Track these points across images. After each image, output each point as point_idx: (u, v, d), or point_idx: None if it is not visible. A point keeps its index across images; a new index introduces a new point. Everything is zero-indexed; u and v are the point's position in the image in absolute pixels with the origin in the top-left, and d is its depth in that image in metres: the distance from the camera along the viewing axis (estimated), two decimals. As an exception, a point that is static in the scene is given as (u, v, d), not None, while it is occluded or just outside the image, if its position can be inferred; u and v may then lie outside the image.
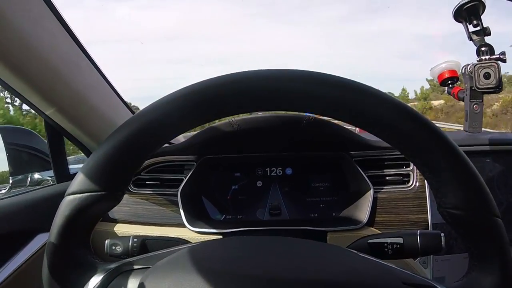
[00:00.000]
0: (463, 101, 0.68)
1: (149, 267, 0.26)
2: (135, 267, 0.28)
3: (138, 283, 0.25)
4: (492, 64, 0.57)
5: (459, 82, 0.71)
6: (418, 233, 0.40)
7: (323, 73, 0.26)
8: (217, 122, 0.57)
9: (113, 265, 0.28)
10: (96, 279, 0.27)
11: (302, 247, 0.29)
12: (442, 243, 0.39)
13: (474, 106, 0.66)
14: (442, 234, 0.39)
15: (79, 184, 0.26)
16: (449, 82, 0.72)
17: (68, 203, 0.26)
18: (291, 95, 0.25)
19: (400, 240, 0.41)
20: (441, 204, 0.25)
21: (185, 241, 0.45)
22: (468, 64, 0.65)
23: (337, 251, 0.29)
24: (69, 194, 0.26)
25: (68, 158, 0.72)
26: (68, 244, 0.27)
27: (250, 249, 0.28)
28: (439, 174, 0.24)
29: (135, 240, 0.42)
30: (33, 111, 0.60)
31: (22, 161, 0.84)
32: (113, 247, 0.42)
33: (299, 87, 0.25)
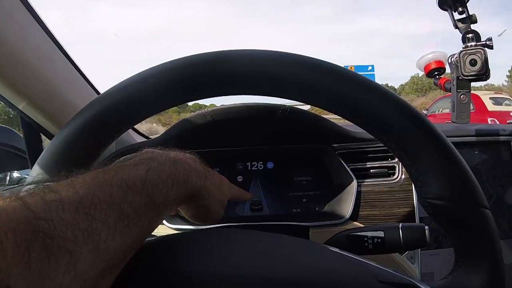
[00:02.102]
0: (450, 91, 0.66)
1: None
2: None
3: None
4: (478, 50, 0.55)
5: (447, 74, 0.70)
6: (400, 227, 0.38)
7: (310, 57, 0.24)
8: (188, 114, 0.55)
9: None
10: None
11: (269, 241, 0.27)
12: (427, 236, 0.37)
13: (461, 96, 0.65)
14: (427, 227, 0.37)
15: (36, 174, 0.25)
16: (436, 73, 0.70)
17: None
18: (279, 79, 0.23)
19: (381, 234, 0.38)
20: (421, 194, 0.23)
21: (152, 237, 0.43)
22: (454, 54, 0.64)
23: (307, 246, 0.27)
24: (27, 185, 0.24)
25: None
26: None
27: (205, 244, 0.26)
28: (419, 161, 0.22)
29: None
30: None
31: (1, 159, 0.82)
32: None
33: (293, 73, 0.23)
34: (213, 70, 0.23)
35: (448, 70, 0.69)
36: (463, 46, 0.58)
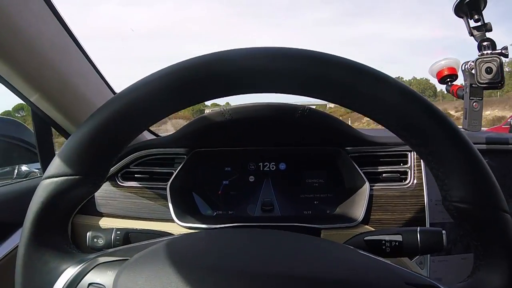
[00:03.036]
0: (462, 99, 0.67)
1: (127, 259, 0.24)
2: (113, 259, 0.26)
3: (114, 276, 0.23)
4: (494, 58, 0.55)
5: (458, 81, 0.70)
6: (418, 230, 0.38)
7: (328, 54, 0.23)
8: (207, 112, 0.55)
9: (90, 256, 0.26)
10: (71, 271, 0.25)
11: (295, 240, 0.27)
12: (444, 241, 0.37)
13: (474, 104, 0.65)
14: (444, 232, 0.37)
15: (55, 168, 0.24)
16: (448, 79, 0.70)
17: (44, 187, 0.24)
18: (293, 75, 0.23)
19: (399, 237, 0.38)
20: (446, 197, 0.23)
21: (170, 235, 0.43)
22: (468, 61, 0.64)
23: (334, 246, 0.27)
24: (46, 178, 0.25)
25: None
26: (44, 231, 0.25)
27: (237, 242, 0.26)
28: (447, 165, 0.22)
29: (118, 232, 0.40)
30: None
31: (9, 152, 0.82)
32: (95, 240, 0.40)
33: (304, 68, 0.23)
34: (249, 65, 0.23)
35: (460, 76, 0.70)
36: (479, 54, 0.58)
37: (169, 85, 0.24)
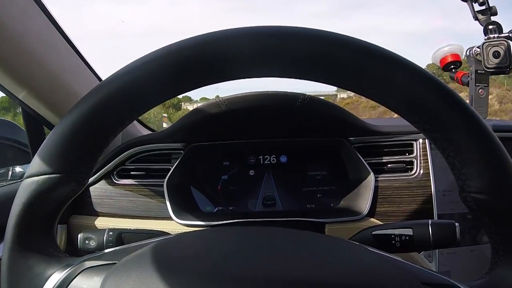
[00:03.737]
0: (468, 85, 0.65)
1: (115, 263, 0.23)
2: (100, 263, 0.24)
3: (100, 282, 0.21)
4: (502, 42, 0.53)
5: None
6: (429, 223, 0.36)
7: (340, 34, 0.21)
8: (203, 103, 0.53)
9: (77, 260, 0.24)
10: (57, 276, 0.23)
11: (301, 239, 0.25)
12: (457, 234, 0.35)
13: (480, 90, 0.63)
14: (457, 224, 0.35)
15: (36, 166, 0.23)
16: (452, 66, 0.68)
17: (25, 187, 0.23)
18: (296, 56, 0.21)
19: (409, 231, 0.36)
20: (464, 187, 0.21)
21: (166, 234, 0.41)
22: (473, 47, 0.62)
23: (342, 245, 0.25)
24: (27, 177, 0.23)
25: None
26: (27, 234, 0.23)
27: (236, 242, 0.24)
28: (465, 153, 0.20)
29: (111, 233, 0.38)
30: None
31: (3, 153, 0.79)
32: (87, 241, 0.38)
33: (308, 47, 0.20)
34: (239, 48, 0.21)
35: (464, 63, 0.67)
36: (485, 38, 0.56)
37: (163, 68, 0.21)
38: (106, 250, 0.26)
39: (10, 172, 0.79)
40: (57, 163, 0.22)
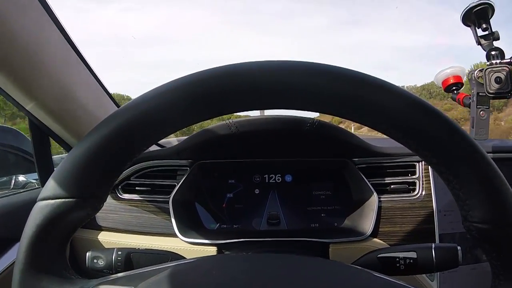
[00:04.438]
0: (469, 107, 0.66)
1: None
2: (115, 287, 0.24)
3: None
4: (504, 68, 0.55)
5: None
6: (433, 247, 0.37)
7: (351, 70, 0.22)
8: (212, 124, 0.53)
9: (90, 284, 0.24)
10: None
11: (308, 266, 0.25)
12: (459, 257, 0.36)
13: (481, 112, 0.64)
14: (459, 248, 0.36)
15: (51, 189, 0.23)
16: (454, 88, 0.70)
17: (39, 210, 0.23)
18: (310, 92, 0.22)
19: (413, 254, 0.37)
20: (467, 217, 0.22)
21: (175, 255, 0.42)
22: (475, 70, 0.63)
23: (349, 271, 0.26)
24: (41, 200, 0.23)
25: (55, 157, 0.68)
26: (40, 257, 0.23)
27: (249, 270, 0.24)
28: (469, 185, 0.21)
29: (119, 253, 0.38)
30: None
31: (6, 162, 0.79)
32: (95, 260, 0.38)
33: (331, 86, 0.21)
34: (258, 81, 0.22)
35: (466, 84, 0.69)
36: (488, 63, 0.58)
37: (188, 95, 0.22)
38: (120, 274, 0.26)
39: (13, 181, 0.79)
40: (73, 188, 0.22)
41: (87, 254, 0.39)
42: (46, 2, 0.49)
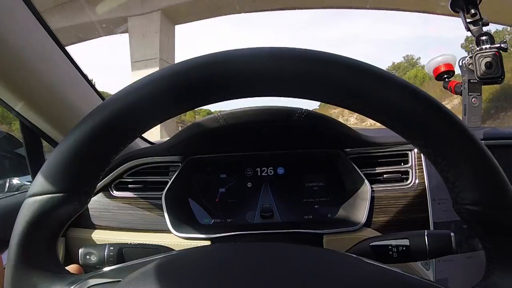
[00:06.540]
0: (461, 95, 0.66)
1: (120, 281, 0.23)
2: (104, 280, 0.24)
3: None
4: (494, 52, 0.54)
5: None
6: (425, 234, 0.37)
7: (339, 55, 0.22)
8: (201, 118, 0.53)
9: (80, 278, 0.24)
10: None
11: (302, 255, 0.25)
12: (453, 243, 0.36)
13: (473, 99, 0.64)
14: (452, 234, 0.36)
15: (39, 185, 0.23)
16: (445, 76, 0.69)
17: (28, 206, 0.23)
18: (298, 78, 0.21)
19: (406, 242, 0.37)
20: (457, 200, 0.22)
21: (167, 249, 0.41)
22: (465, 57, 0.63)
23: (340, 258, 0.25)
24: (30, 196, 0.23)
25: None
26: (30, 253, 0.23)
27: (239, 260, 0.24)
28: (457, 166, 0.21)
29: (111, 248, 0.38)
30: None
31: (0, 165, 0.79)
32: (87, 256, 0.38)
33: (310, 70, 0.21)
34: (243, 67, 0.21)
35: (457, 72, 0.69)
36: (477, 48, 0.57)
37: (169, 87, 0.22)
38: (109, 268, 0.26)
39: (7, 184, 0.79)
40: (60, 183, 0.22)
41: (80, 250, 0.39)
42: (31, 2, 0.49)
